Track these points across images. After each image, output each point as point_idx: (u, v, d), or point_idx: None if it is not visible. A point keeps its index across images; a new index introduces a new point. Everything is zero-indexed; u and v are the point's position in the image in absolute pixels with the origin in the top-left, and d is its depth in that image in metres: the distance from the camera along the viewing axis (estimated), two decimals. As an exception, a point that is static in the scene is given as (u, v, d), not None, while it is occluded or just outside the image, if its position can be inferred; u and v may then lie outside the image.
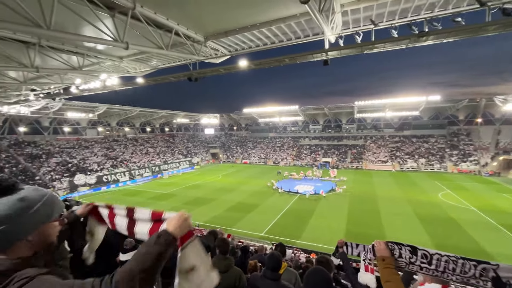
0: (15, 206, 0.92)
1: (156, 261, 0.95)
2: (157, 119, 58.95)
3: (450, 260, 1.47)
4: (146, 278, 0.90)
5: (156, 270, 0.94)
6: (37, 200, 0.99)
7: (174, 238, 1.06)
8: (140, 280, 0.88)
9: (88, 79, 14.59)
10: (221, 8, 7.57)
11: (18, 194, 0.95)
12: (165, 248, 1.00)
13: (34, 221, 0.97)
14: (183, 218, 1.14)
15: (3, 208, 0.90)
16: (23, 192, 0.97)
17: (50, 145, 39.02)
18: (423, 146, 46.82)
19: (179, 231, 1.10)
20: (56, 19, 5.85)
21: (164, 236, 1.03)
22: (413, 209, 21.30)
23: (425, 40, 8.35)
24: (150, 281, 0.92)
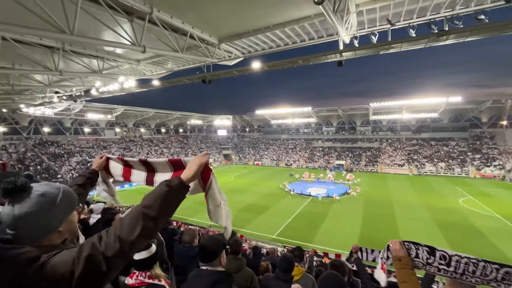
0: (39, 202, 0.95)
1: (159, 199, 1.03)
2: (172, 121, 60.25)
3: (470, 262, 1.41)
4: (149, 213, 0.98)
5: (158, 208, 1.01)
6: (56, 193, 1.02)
7: (184, 185, 1.14)
8: (143, 215, 0.97)
9: (107, 81, 15.17)
10: (235, 11, 7.65)
11: (37, 191, 0.97)
12: (170, 190, 1.08)
13: (62, 213, 1.02)
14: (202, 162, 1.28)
15: (29, 206, 0.93)
16: (38, 188, 0.99)
17: (71, 144, 40.86)
18: (442, 149, 44.90)
19: (192, 179, 1.22)
20: (79, 25, 6.13)
21: (174, 181, 1.12)
22: (431, 214, 20.45)
23: (445, 39, 8.03)
24: (153, 218, 0.99)
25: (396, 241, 1.63)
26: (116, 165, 1.85)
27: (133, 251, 0.96)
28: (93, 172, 1.75)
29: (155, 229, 1.03)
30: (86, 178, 1.66)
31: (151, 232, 1.01)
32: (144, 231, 0.96)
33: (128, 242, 0.92)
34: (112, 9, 6.47)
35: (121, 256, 0.91)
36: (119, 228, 0.95)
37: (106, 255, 0.88)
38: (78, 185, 1.58)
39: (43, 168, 32.77)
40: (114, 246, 0.89)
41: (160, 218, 1.03)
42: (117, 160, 1.85)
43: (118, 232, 0.93)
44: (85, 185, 1.62)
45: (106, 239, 0.91)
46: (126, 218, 0.99)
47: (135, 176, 1.76)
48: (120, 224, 0.97)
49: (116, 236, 0.92)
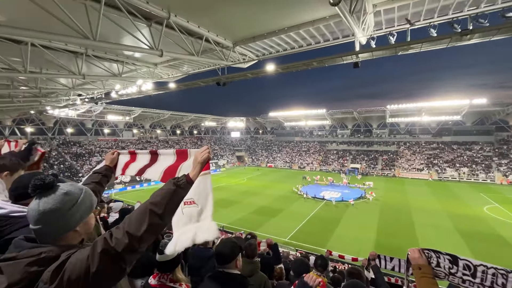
0: (63, 200, 1.01)
1: (166, 197, 1.09)
2: (187, 122, 61.46)
3: (499, 274, 1.27)
4: (156, 210, 1.03)
5: (165, 205, 1.06)
6: (78, 193, 1.08)
7: (190, 183, 1.18)
8: (150, 211, 1.02)
9: (126, 84, 15.74)
10: (250, 14, 7.70)
11: (62, 189, 1.03)
12: (177, 188, 1.13)
13: (81, 213, 1.07)
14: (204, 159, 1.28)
15: (53, 203, 0.99)
16: (63, 187, 1.05)
17: (91, 145, 42.70)
18: (465, 154, 42.70)
19: (197, 176, 1.23)
20: (101, 31, 6.42)
21: (181, 180, 1.16)
22: (453, 222, 19.46)
23: (469, 39, 7.64)
24: (159, 215, 1.04)
25: (415, 248, 1.54)
26: (124, 160, 1.88)
27: (142, 246, 1.00)
28: (107, 168, 1.81)
29: (161, 225, 1.07)
30: (102, 175, 1.72)
31: (157, 228, 1.05)
32: (151, 227, 1.00)
33: (137, 238, 0.96)
34: (132, 15, 6.71)
35: (131, 251, 0.95)
36: (127, 223, 0.99)
37: (117, 250, 0.92)
38: (95, 182, 1.63)
39: (66, 167, 34.44)
40: (123, 241, 0.94)
41: (166, 215, 1.07)
42: (126, 154, 1.89)
43: (127, 228, 0.97)
44: (101, 182, 1.68)
45: (116, 234, 0.95)
46: (134, 214, 1.04)
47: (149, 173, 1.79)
48: (128, 220, 1.01)
49: (124, 231, 0.96)
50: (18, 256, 0.91)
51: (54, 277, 0.84)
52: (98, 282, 0.88)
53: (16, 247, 0.97)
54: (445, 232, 17.61)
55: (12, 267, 0.88)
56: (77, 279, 0.85)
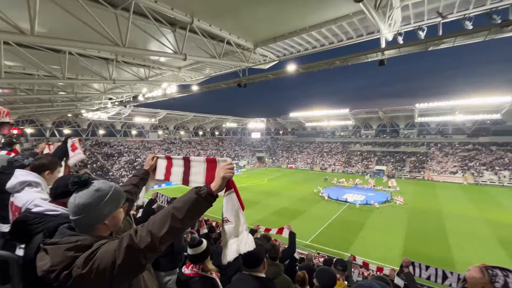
0: (94, 195, 1.14)
1: (187, 204, 1.14)
2: (208, 124, 62.88)
3: None
4: (177, 215, 1.10)
5: (186, 212, 1.12)
6: (108, 190, 1.20)
7: (211, 195, 1.23)
8: (171, 215, 1.09)
9: (152, 88, 16.49)
10: (271, 16, 7.70)
11: (94, 186, 1.17)
12: (198, 197, 1.18)
13: (109, 208, 1.18)
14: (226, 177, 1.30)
15: (86, 197, 1.12)
16: (96, 184, 1.18)
17: (121, 145, 45.28)
18: (506, 155, 38.98)
19: (218, 189, 1.28)
20: (130, 38, 6.79)
21: (203, 190, 1.21)
22: (492, 230, 17.85)
23: (510, 30, 6.97)
24: (180, 220, 1.10)
25: (476, 266, 1.34)
26: (162, 164, 1.96)
27: (162, 246, 1.07)
28: (146, 172, 1.93)
29: (181, 229, 1.14)
30: (140, 178, 1.85)
31: (177, 232, 1.12)
32: (171, 230, 1.07)
33: (158, 238, 1.03)
34: (158, 21, 7.02)
35: (152, 249, 1.03)
36: (151, 223, 1.07)
37: (140, 247, 1.01)
38: (133, 184, 1.78)
39: (98, 166, 36.83)
40: (146, 239, 1.02)
41: (186, 220, 1.13)
42: (163, 158, 1.96)
43: (150, 227, 1.05)
44: (138, 185, 1.82)
45: (141, 232, 1.04)
46: (158, 215, 1.12)
47: (173, 176, 1.86)
48: (152, 220, 1.09)
49: (148, 230, 1.04)
50: (60, 241, 1.05)
51: (86, 263, 0.95)
52: (122, 273, 0.97)
53: (60, 234, 1.11)
54: (483, 241, 16.20)
55: (55, 250, 1.01)
56: (104, 268, 0.95)
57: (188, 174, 1.75)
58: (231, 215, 1.36)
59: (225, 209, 1.36)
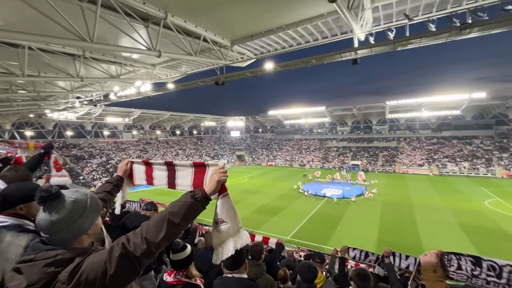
0: (73, 208, 1.07)
1: (183, 208, 1.16)
2: (186, 123, 61.43)
3: None
4: (174, 220, 1.11)
5: (182, 216, 1.13)
6: (85, 199, 1.13)
7: (206, 198, 1.26)
8: (168, 220, 1.10)
9: (125, 86, 15.70)
10: (247, 13, 7.65)
11: (69, 198, 1.08)
12: (194, 201, 1.20)
13: (91, 217, 1.13)
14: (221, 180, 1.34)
15: (64, 212, 1.04)
16: (70, 195, 1.09)
17: (91, 147, 42.69)
18: (465, 148, 42.69)
19: (213, 192, 1.32)
20: (98, 33, 6.38)
21: (198, 194, 1.24)
22: (455, 217, 19.47)
23: (468, 33, 7.58)
24: (176, 224, 1.11)
25: (432, 252, 1.47)
26: (140, 169, 1.89)
27: (158, 251, 1.08)
28: (119, 179, 1.85)
29: (177, 234, 1.16)
30: (113, 185, 1.77)
31: (173, 236, 1.14)
32: (168, 235, 1.08)
33: (154, 244, 1.04)
34: (129, 16, 6.67)
35: (148, 256, 1.03)
36: (145, 230, 1.06)
37: (135, 255, 1.00)
38: (106, 191, 1.69)
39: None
40: (142, 247, 1.01)
41: (182, 224, 1.15)
42: (141, 163, 1.90)
43: (145, 234, 1.05)
44: (112, 192, 1.74)
45: (134, 240, 1.03)
46: (152, 221, 1.11)
47: (157, 180, 1.82)
48: (146, 226, 1.08)
49: (143, 237, 1.03)
50: (35, 258, 0.97)
51: (72, 277, 0.90)
52: (114, 283, 0.95)
53: (33, 250, 1.03)
54: (447, 228, 17.61)
55: (31, 268, 0.94)
56: (93, 280, 0.91)
57: (173, 177, 1.72)
58: (227, 216, 1.40)
59: (220, 211, 1.40)
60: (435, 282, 1.33)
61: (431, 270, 1.37)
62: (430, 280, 1.35)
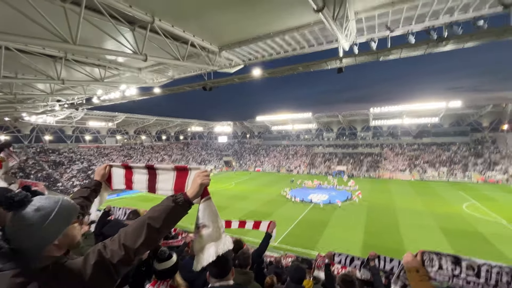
0: (34, 217, 0.98)
1: (164, 213, 1.12)
2: (173, 128, 60.42)
3: (503, 272, 1.24)
4: (154, 225, 1.07)
5: (163, 221, 1.10)
6: (52, 207, 1.03)
7: (188, 202, 1.23)
8: (147, 225, 1.06)
9: (109, 90, 15.28)
10: (236, 20, 7.73)
11: (33, 205, 1.00)
12: (175, 205, 1.17)
13: (57, 227, 1.03)
14: (203, 183, 1.31)
15: (24, 221, 0.97)
16: (37, 202, 1.02)
17: (72, 152, 40.91)
18: (444, 154, 44.73)
19: (195, 196, 1.28)
20: (81, 35, 6.20)
21: (179, 198, 1.20)
22: (436, 221, 20.20)
23: (444, 45, 8.06)
24: (157, 229, 1.08)
25: (410, 253, 1.48)
26: (119, 173, 1.82)
27: (136, 258, 1.04)
28: (97, 183, 1.76)
29: (157, 239, 1.12)
30: (91, 190, 1.68)
31: (153, 242, 1.10)
32: (148, 241, 1.05)
33: (133, 250, 1.00)
34: (114, 18, 6.54)
35: (126, 263, 1.00)
36: (123, 236, 1.04)
37: (112, 262, 0.96)
38: (83, 197, 1.61)
39: (43, 176, 32.70)
40: (119, 253, 0.98)
41: (163, 230, 1.12)
42: (120, 167, 1.83)
43: (123, 240, 1.01)
44: (89, 197, 1.65)
45: (111, 246, 0.99)
46: (131, 227, 1.07)
47: (137, 184, 1.76)
48: (125, 232, 1.05)
49: (120, 244, 1.00)
50: (3, 268, 0.92)
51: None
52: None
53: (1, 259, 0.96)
54: (428, 231, 18.21)
55: None
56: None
57: (154, 181, 1.67)
58: (209, 220, 1.36)
59: (202, 215, 1.36)
60: (419, 282, 1.33)
61: (414, 270, 1.38)
62: (415, 281, 1.35)
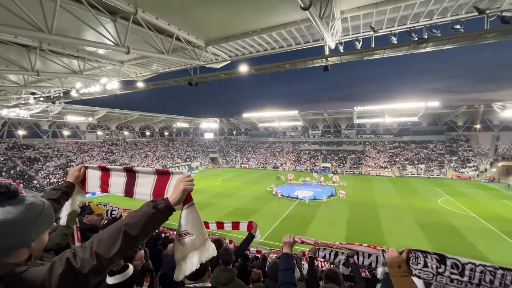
0: (28, 211, 0.91)
1: (143, 219, 1.04)
2: (157, 123, 58.96)
3: (487, 271, 1.26)
4: (131, 232, 0.99)
5: (141, 228, 1.02)
6: (42, 206, 0.98)
7: (170, 208, 1.15)
8: (124, 233, 0.98)
9: (89, 83, 14.60)
10: (223, 15, 7.61)
11: (27, 200, 0.94)
12: (156, 212, 1.09)
13: (42, 228, 0.98)
14: (186, 189, 1.23)
15: (17, 213, 0.88)
16: (29, 198, 0.96)
17: (48, 148, 38.90)
18: (422, 152, 46.88)
19: (178, 202, 1.20)
20: (58, 24, 5.86)
21: (160, 204, 1.13)
22: (413, 215, 21.18)
23: (424, 47, 8.39)
24: (134, 237, 1.00)
25: (394, 248, 1.52)
26: (94, 175, 1.71)
27: (110, 267, 0.97)
28: (69, 185, 1.61)
29: (133, 247, 1.05)
30: (61, 192, 1.52)
31: (129, 250, 1.03)
32: (123, 249, 0.97)
33: (106, 259, 0.92)
34: (95, 8, 6.24)
35: (98, 273, 0.91)
36: (96, 244, 0.94)
37: (82, 272, 0.87)
38: (52, 199, 1.44)
39: (17, 173, 30.90)
40: (91, 262, 0.89)
41: (141, 237, 1.04)
42: (96, 169, 1.72)
43: (95, 248, 0.92)
44: (59, 200, 1.49)
45: (82, 255, 0.90)
46: (105, 234, 0.98)
47: (113, 187, 1.65)
48: (97, 240, 0.96)
49: (93, 252, 0.91)
50: None
51: None
52: None
53: None
54: (407, 225, 19.07)
55: None
56: None
57: (132, 185, 1.58)
58: (192, 227, 1.30)
59: (185, 222, 1.29)
60: (401, 277, 1.37)
61: (396, 266, 1.41)
62: (397, 276, 1.39)
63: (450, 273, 1.33)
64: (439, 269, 1.36)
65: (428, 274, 1.39)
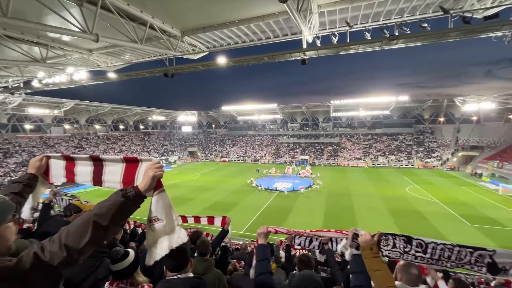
0: None
1: (113, 209, 1.03)
2: (131, 116, 56.29)
3: (446, 248, 1.49)
4: (101, 222, 0.98)
5: (111, 217, 1.01)
6: None
7: (140, 196, 1.15)
8: (93, 223, 0.96)
9: (53, 72, 13.50)
10: (199, 3, 7.37)
11: None
12: (125, 200, 1.08)
13: None
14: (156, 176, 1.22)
15: None
16: None
17: (8, 143, 35.64)
18: (393, 143, 49.75)
19: (148, 189, 1.20)
20: (15, 6, 5.32)
21: (130, 192, 1.12)
22: (384, 203, 22.60)
23: (395, 44, 8.84)
24: (104, 227, 0.99)
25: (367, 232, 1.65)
26: (58, 165, 1.62)
27: (82, 258, 0.94)
28: (32, 177, 1.51)
29: (105, 237, 1.03)
30: (24, 185, 1.44)
31: (100, 241, 1.01)
32: (93, 240, 0.95)
33: (76, 250, 0.91)
34: (57, -10, 5.74)
35: (68, 264, 0.90)
36: (65, 236, 0.92)
37: (52, 265, 0.86)
38: (14, 193, 1.37)
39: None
40: (60, 255, 0.88)
41: (112, 226, 1.03)
42: (59, 158, 1.63)
43: (64, 240, 0.91)
44: (22, 193, 1.41)
45: (50, 248, 0.88)
46: (73, 225, 0.96)
47: (80, 176, 1.59)
48: (66, 231, 0.94)
49: (61, 244, 0.90)
50: None
51: None
52: None
53: None
54: (378, 212, 20.35)
55: None
56: None
57: (100, 173, 1.52)
58: (162, 213, 1.29)
59: (155, 209, 1.28)
60: (372, 259, 1.51)
61: (368, 248, 1.56)
62: (369, 258, 1.53)
63: (415, 252, 1.54)
64: (406, 248, 1.56)
65: (396, 253, 1.59)
